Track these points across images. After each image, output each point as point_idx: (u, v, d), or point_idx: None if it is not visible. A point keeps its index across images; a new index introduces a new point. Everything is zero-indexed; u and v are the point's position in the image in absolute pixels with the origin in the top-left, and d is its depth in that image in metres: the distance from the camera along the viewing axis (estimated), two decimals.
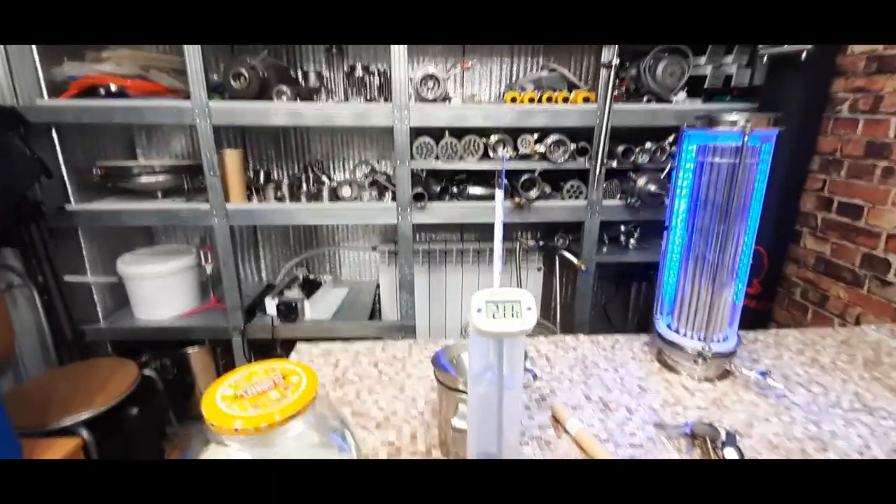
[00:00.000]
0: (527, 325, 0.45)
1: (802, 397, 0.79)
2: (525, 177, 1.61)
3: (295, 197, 1.64)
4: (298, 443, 0.40)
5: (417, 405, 0.77)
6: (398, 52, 1.41)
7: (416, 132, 1.55)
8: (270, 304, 1.74)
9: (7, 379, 1.49)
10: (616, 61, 1.48)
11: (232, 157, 1.54)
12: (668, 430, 0.70)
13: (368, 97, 1.63)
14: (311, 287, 1.87)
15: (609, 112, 1.51)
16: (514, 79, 1.90)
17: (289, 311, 1.73)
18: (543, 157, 1.60)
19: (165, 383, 1.72)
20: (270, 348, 1.82)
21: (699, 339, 0.85)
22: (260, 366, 0.43)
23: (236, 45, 1.71)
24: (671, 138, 1.63)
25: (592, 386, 0.83)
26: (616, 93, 1.55)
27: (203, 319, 1.76)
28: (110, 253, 1.75)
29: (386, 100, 1.56)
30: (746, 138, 0.71)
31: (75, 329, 1.62)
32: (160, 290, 1.71)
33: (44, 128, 1.49)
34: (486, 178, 1.75)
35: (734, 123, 0.73)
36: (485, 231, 2.12)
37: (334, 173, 2.00)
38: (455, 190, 1.70)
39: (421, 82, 1.50)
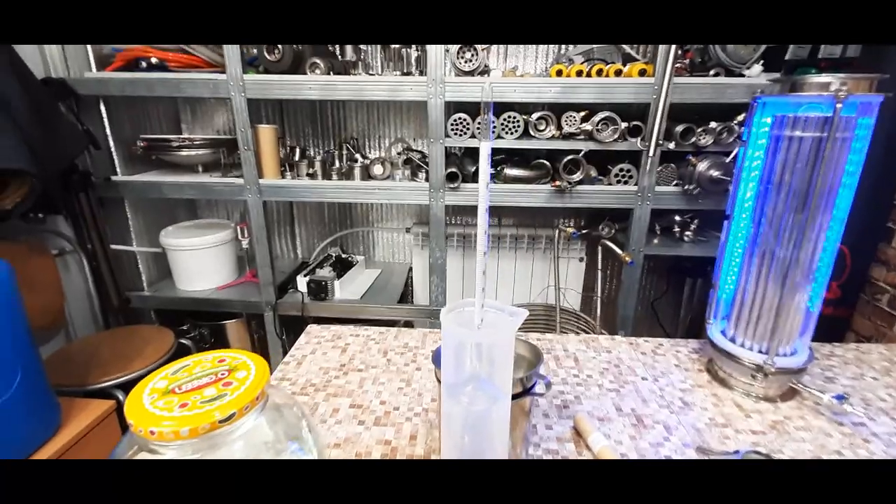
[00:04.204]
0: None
1: (885, 427, 0.65)
2: (568, 157, 1.48)
3: (327, 174, 1.60)
4: (242, 446, 0.34)
5: (423, 401, 0.70)
6: None
7: (453, 108, 1.45)
8: (302, 282, 1.73)
9: (59, 340, 1.58)
10: None
11: (266, 132, 1.53)
12: (712, 457, 0.59)
13: (405, 71, 1.56)
14: (343, 266, 1.85)
15: (668, 86, 1.34)
16: (562, 50, 1.75)
17: (319, 290, 1.72)
18: (590, 136, 1.46)
19: (202, 352, 1.77)
20: (301, 324, 1.83)
21: (760, 350, 0.71)
22: (210, 355, 0.37)
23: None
24: (741, 117, 1.43)
25: (625, 395, 0.72)
26: (679, 65, 1.38)
27: (239, 293, 1.79)
28: (155, 224, 1.81)
29: (422, 73, 1.48)
30: (840, 106, 0.57)
31: (121, 295, 1.69)
32: (199, 262, 1.75)
33: (93, 100, 1.54)
34: (526, 160, 1.63)
35: (825, 87, 0.59)
36: (524, 216, 2.00)
37: (369, 151, 1.95)
38: (492, 171, 1.59)
39: (458, 53, 1.40)
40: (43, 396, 1.12)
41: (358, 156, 1.65)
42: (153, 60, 1.45)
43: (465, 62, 1.41)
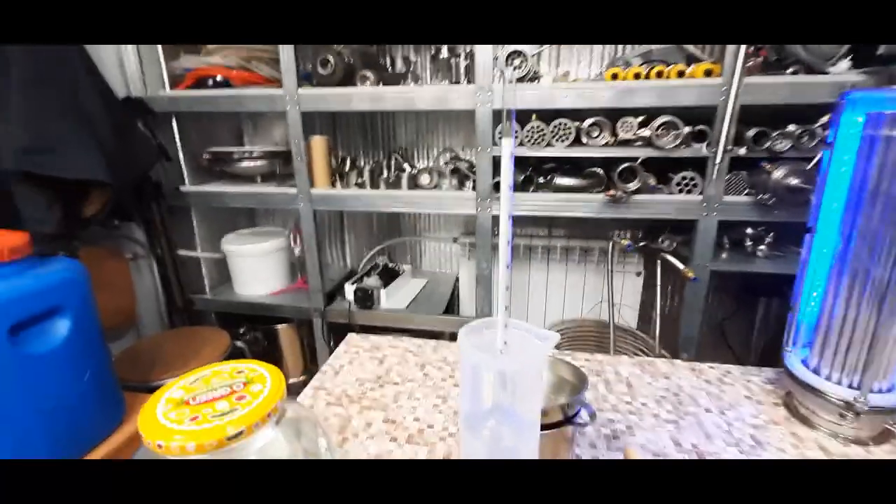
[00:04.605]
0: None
1: None
2: (624, 165, 1.39)
3: (375, 184, 1.62)
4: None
5: (459, 420, 0.66)
6: None
7: (501, 115, 1.42)
8: (349, 290, 1.76)
9: (130, 337, 1.70)
10: None
11: (318, 143, 1.57)
12: None
13: (453, 80, 1.55)
14: (389, 275, 1.86)
15: (739, 86, 1.23)
16: (618, 54, 1.67)
17: (365, 298, 1.74)
18: (648, 142, 1.37)
19: (255, 355, 1.84)
20: (348, 332, 1.85)
21: (851, 384, 0.61)
22: (228, 365, 0.36)
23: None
24: (825, 119, 1.29)
25: (685, 428, 0.64)
26: (750, 63, 1.26)
27: (290, 299, 1.85)
28: (218, 231, 1.92)
29: (470, 82, 1.46)
30: None
31: (185, 298, 1.80)
32: (255, 267, 1.83)
33: (166, 116, 1.66)
34: (578, 168, 1.56)
35: None
36: (575, 227, 1.92)
37: (418, 161, 1.96)
38: (541, 180, 1.54)
39: (507, 60, 1.37)
40: (110, 391, 1.20)
41: (406, 165, 1.66)
42: (218, 78, 1.54)
43: (514, 69, 1.38)
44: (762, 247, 1.52)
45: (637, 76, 1.35)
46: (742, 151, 1.31)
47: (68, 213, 1.30)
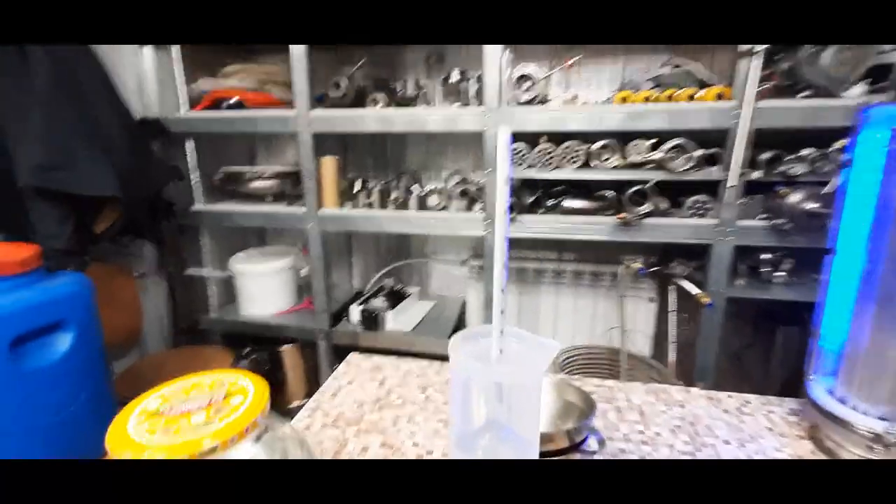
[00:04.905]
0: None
1: None
2: (634, 188, 1.38)
3: (383, 204, 1.62)
4: None
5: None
6: (492, 50, 1.32)
7: (510, 138, 1.42)
8: (355, 312, 1.74)
9: (133, 355, 1.69)
10: (760, 48, 1.19)
11: (328, 163, 1.59)
12: None
13: (463, 104, 1.56)
14: (396, 298, 1.83)
15: (752, 106, 1.22)
16: (626, 79, 1.67)
17: (371, 320, 1.71)
18: (659, 165, 1.35)
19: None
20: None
21: (880, 416, 0.57)
22: (209, 376, 0.34)
23: (337, 50, 1.78)
24: (839, 143, 1.26)
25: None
26: (762, 88, 1.25)
27: (296, 319, 1.83)
28: (228, 250, 1.93)
29: (480, 104, 1.47)
30: None
31: (191, 317, 1.80)
32: (261, 287, 1.83)
33: (182, 137, 1.70)
34: (588, 191, 1.54)
35: None
36: (586, 251, 1.89)
37: (427, 183, 1.97)
38: (550, 203, 1.52)
39: (516, 83, 1.38)
40: (108, 408, 1.18)
41: (416, 186, 1.66)
42: (234, 100, 1.58)
43: (524, 91, 1.38)
44: (780, 273, 1.47)
45: (647, 99, 1.35)
46: (756, 175, 1.29)
47: (80, 229, 1.31)
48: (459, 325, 1.94)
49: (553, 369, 1.72)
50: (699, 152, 1.31)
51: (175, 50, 1.63)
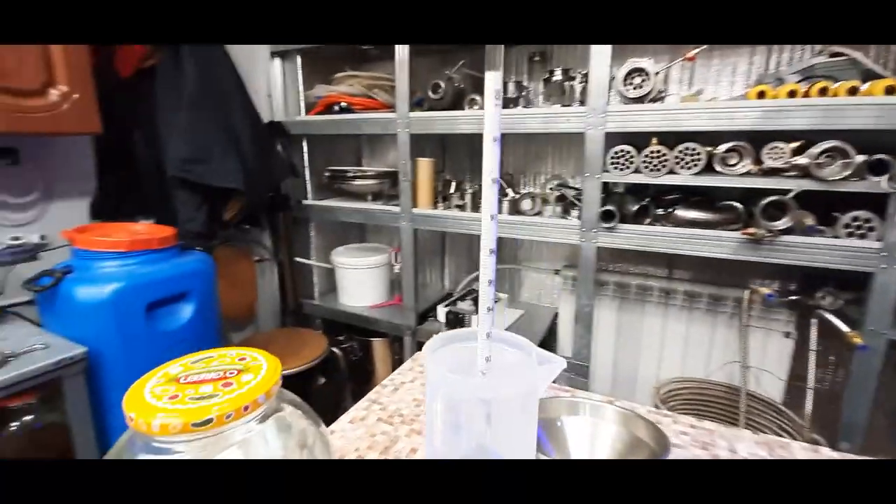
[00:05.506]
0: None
1: None
2: (770, 199, 1.16)
3: (476, 206, 1.60)
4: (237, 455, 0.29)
5: None
6: (600, 47, 1.22)
7: (616, 139, 1.30)
8: (441, 312, 1.74)
9: (250, 329, 1.91)
10: None
11: (424, 164, 1.61)
12: None
13: (566, 104, 1.47)
14: None
15: None
16: (769, 70, 1.43)
17: (456, 322, 1.70)
18: (805, 173, 1.12)
19: (349, 364, 1.92)
20: None
21: None
22: (234, 350, 0.34)
23: (440, 53, 1.81)
24: None
25: None
26: None
27: (386, 314, 1.90)
28: (332, 243, 2.08)
29: (582, 104, 1.38)
30: None
31: (297, 301, 1.97)
32: (357, 280, 1.93)
33: (299, 138, 1.88)
34: (709, 200, 1.34)
35: None
36: (703, 269, 1.65)
37: (524, 186, 1.90)
38: (659, 211, 1.36)
39: (625, 79, 1.26)
40: None
41: (509, 190, 1.61)
42: (343, 104, 1.70)
43: (634, 88, 1.25)
44: None
45: (792, 94, 1.13)
46: None
47: (212, 216, 1.51)
48: (549, 338, 1.83)
49: (652, 401, 1.53)
50: (860, 158, 1.06)
51: (298, 59, 1.81)
